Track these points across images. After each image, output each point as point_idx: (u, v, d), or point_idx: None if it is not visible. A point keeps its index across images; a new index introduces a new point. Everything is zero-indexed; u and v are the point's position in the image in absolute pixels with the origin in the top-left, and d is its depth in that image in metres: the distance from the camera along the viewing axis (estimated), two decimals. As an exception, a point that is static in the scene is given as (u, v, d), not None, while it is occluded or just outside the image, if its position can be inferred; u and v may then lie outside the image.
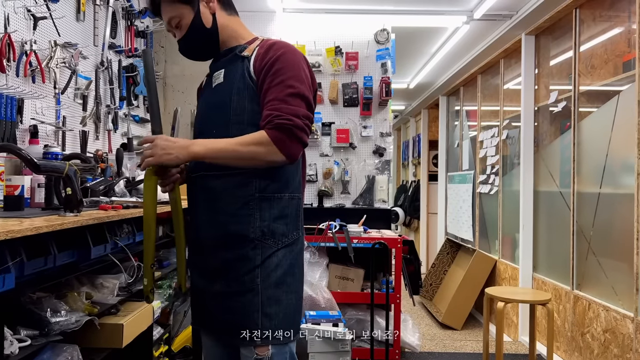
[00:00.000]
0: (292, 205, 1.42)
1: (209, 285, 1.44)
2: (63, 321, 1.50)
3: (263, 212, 1.37)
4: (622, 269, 2.64)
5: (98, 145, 2.63)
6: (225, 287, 1.40)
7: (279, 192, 1.39)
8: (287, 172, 1.40)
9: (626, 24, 2.76)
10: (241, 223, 1.36)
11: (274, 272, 1.37)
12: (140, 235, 2.27)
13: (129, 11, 2.93)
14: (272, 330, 1.36)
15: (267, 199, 1.37)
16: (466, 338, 3.98)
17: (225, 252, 1.39)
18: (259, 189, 1.37)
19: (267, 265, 1.36)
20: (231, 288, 1.39)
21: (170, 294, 2.71)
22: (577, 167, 3.10)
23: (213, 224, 1.40)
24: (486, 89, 4.75)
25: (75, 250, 1.70)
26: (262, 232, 1.36)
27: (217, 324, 1.44)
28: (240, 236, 1.36)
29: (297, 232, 1.43)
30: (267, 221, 1.37)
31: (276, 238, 1.38)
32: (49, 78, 2.11)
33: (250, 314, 1.36)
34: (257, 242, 1.36)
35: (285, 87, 1.33)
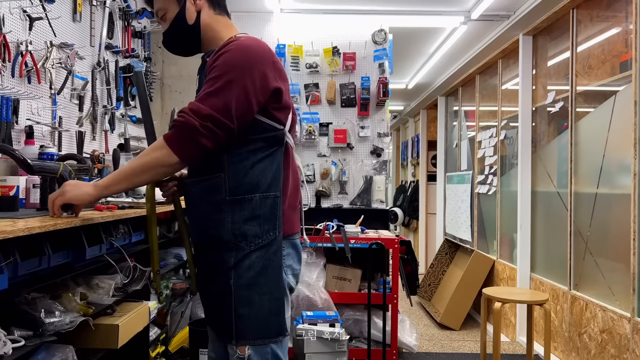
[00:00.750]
0: (266, 205, 1.37)
1: (201, 285, 1.51)
2: (57, 322, 1.50)
3: (234, 215, 1.35)
4: (619, 269, 2.64)
5: (95, 145, 2.63)
6: (206, 287, 1.47)
7: (249, 193, 1.36)
8: (256, 171, 1.36)
9: (623, 24, 2.76)
10: (215, 227, 1.37)
11: (246, 273, 1.36)
12: (137, 236, 2.27)
13: (126, 12, 2.93)
14: (245, 331, 1.37)
15: (238, 202, 1.35)
16: (464, 338, 3.98)
17: (206, 255, 1.44)
18: (229, 192, 1.35)
19: (240, 267, 1.36)
20: (210, 289, 1.44)
21: (167, 294, 2.71)
22: (574, 168, 3.10)
23: (196, 228, 1.46)
24: (484, 89, 4.76)
25: (70, 251, 1.70)
26: (233, 234, 1.35)
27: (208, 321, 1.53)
28: (216, 239, 1.38)
29: (273, 232, 1.38)
30: (238, 223, 1.35)
31: (248, 240, 1.36)
32: (44, 78, 2.11)
33: (224, 314, 1.39)
34: (231, 245, 1.36)
35: (207, 86, 1.29)
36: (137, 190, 2.34)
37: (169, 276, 2.87)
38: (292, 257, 1.49)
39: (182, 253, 2.92)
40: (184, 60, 3.54)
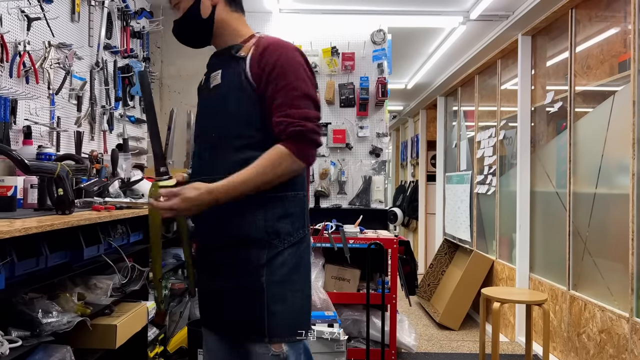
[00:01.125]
0: (297, 204, 1.41)
1: (215, 285, 1.45)
2: (54, 322, 1.50)
3: (267, 212, 1.37)
4: (617, 269, 2.64)
5: (93, 145, 2.63)
6: (232, 286, 1.40)
7: (282, 192, 1.38)
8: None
9: (622, 24, 2.76)
10: (245, 224, 1.37)
11: (279, 270, 1.36)
12: (135, 236, 2.28)
13: (124, 12, 2.94)
14: (279, 328, 1.36)
15: (271, 199, 1.37)
16: (463, 338, 3.98)
17: (230, 253, 1.40)
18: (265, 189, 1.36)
19: (273, 264, 1.36)
20: (238, 287, 1.39)
21: (166, 295, 2.71)
22: (573, 168, 3.10)
23: (218, 226, 1.41)
24: (484, 90, 4.75)
25: (68, 251, 1.71)
26: (266, 232, 1.36)
27: (224, 323, 1.45)
28: (245, 237, 1.37)
29: (302, 230, 1.42)
30: (272, 221, 1.37)
31: (281, 237, 1.37)
32: (42, 79, 2.11)
33: (257, 313, 1.36)
34: (262, 242, 1.36)
35: (289, 89, 1.32)
36: (135, 190, 2.34)
37: (168, 276, 2.86)
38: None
39: (181, 253, 2.92)
40: (183, 61, 3.54)
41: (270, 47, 1.37)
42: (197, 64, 3.53)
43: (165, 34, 3.52)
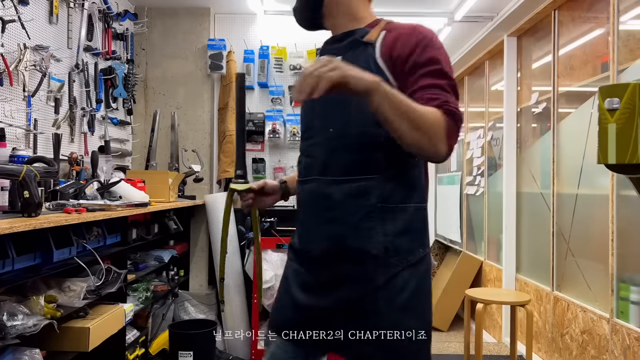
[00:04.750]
0: (419, 218, 1.22)
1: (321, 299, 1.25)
2: (20, 325, 1.50)
3: (386, 225, 1.18)
4: (598, 270, 2.64)
5: (74, 148, 2.63)
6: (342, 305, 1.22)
7: (403, 202, 1.20)
8: (413, 178, 1.22)
9: (605, 26, 2.76)
10: (362, 237, 1.19)
11: (399, 295, 1.18)
12: (112, 238, 2.28)
13: (106, 14, 2.93)
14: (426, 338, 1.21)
15: (391, 210, 1.19)
16: (451, 339, 3.97)
17: (341, 268, 1.22)
18: (383, 198, 1.19)
19: (391, 287, 1.17)
20: (349, 308, 1.21)
21: (147, 297, 2.71)
22: (556, 168, 3.10)
23: (327, 235, 1.23)
24: (473, 91, 4.76)
25: (37, 254, 1.70)
26: (385, 248, 1.18)
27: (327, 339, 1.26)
28: (360, 251, 1.19)
29: (423, 248, 1.23)
30: (391, 236, 1.18)
31: (401, 255, 1.19)
32: (17, 81, 2.11)
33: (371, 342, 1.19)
34: (379, 260, 1.18)
35: (441, 75, 1.14)
36: (113, 192, 2.34)
37: (150, 278, 2.86)
38: None
39: (163, 255, 2.92)
40: (168, 62, 3.54)
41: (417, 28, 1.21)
42: (182, 66, 3.54)
43: (149, 36, 3.52)
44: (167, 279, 3.07)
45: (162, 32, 3.53)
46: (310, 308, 1.26)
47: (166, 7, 3.50)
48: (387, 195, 1.19)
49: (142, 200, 2.33)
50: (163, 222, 2.92)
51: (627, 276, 2.42)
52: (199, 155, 3.36)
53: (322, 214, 1.22)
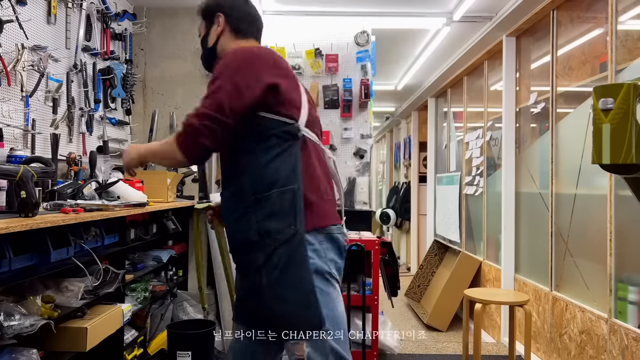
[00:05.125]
0: (285, 200, 1.42)
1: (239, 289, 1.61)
2: (17, 325, 1.49)
3: (257, 213, 1.43)
4: (596, 270, 2.64)
5: (72, 148, 2.62)
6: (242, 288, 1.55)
7: (267, 191, 1.42)
8: (273, 167, 1.43)
9: (604, 25, 2.76)
10: (244, 229, 1.44)
11: (275, 270, 1.40)
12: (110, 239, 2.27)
13: (104, 14, 2.93)
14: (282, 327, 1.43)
15: (259, 200, 1.43)
16: (450, 340, 3.97)
17: (239, 257, 1.53)
18: (253, 191, 1.44)
19: (268, 265, 1.41)
20: (245, 290, 1.51)
21: (145, 297, 2.70)
22: (555, 168, 3.10)
23: (230, 234, 1.55)
24: (472, 91, 4.76)
25: (35, 254, 1.70)
26: (259, 233, 1.42)
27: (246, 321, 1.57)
28: (245, 241, 1.45)
29: (294, 226, 1.42)
30: (261, 221, 1.42)
31: (272, 236, 1.41)
32: (15, 81, 2.11)
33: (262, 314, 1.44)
34: (258, 244, 1.42)
35: (209, 88, 1.44)
36: (111, 192, 2.34)
37: (149, 278, 2.86)
38: (331, 251, 1.52)
39: (161, 255, 2.92)
40: (166, 63, 3.54)
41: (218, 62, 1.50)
42: (180, 66, 3.54)
43: (148, 36, 3.52)
44: (166, 279, 3.07)
45: (160, 32, 3.53)
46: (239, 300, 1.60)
47: (165, 7, 3.50)
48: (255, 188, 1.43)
49: (140, 200, 2.32)
50: (161, 222, 2.92)
51: (625, 276, 2.42)
52: (197, 156, 3.35)
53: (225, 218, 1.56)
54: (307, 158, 1.49)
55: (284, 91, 1.43)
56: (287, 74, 1.48)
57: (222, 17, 1.63)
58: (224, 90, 1.39)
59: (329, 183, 1.58)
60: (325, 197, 1.54)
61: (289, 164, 1.44)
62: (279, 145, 1.44)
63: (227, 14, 1.63)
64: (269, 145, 1.43)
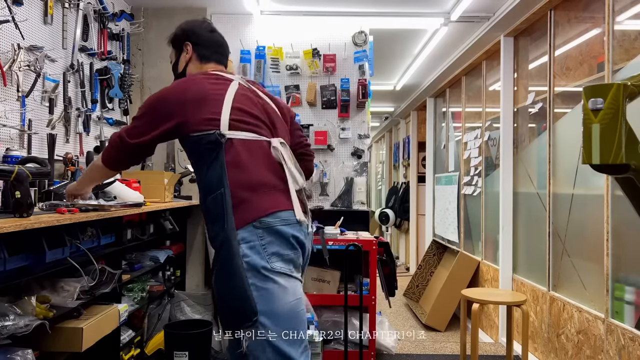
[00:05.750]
0: (216, 206, 1.55)
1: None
2: (11, 325, 1.50)
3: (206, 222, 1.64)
4: (593, 270, 2.64)
5: (69, 148, 2.62)
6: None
7: (205, 201, 1.60)
8: (209, 177, 1.59)
9: (601, 26, 2.76)
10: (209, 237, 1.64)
11: (216, 270, 1.55)
12: (106, 239, 2.27)
13: (102, 14, 2.93)
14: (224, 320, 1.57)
15: (205, 210, 1.61)
16: (448, 340, 3.97)
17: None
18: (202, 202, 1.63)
19: (214, 266, 1.57)
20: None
21: (142, 297, 2.70)
22: (552, 168, 3.10)
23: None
24: (470, 91, 4.76)
25: (30, 254, 1.70)
26: (210, 239, 1.62)
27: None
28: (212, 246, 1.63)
29: (222, 226, 1.53)
30: (209, 229, 1.60)
31: (214, 240, 1.57)
32: (11, 81, 2.11)
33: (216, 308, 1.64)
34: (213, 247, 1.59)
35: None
36: (108, 192, 2.34)
37: (146, 278, 2.86)
38: (275, 244, 1.52)
39: (159, 255, 2.92)
40: (164, 63, 3.53)
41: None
42: (178, 66, 3.53)
43: (146, 36, 3.52)
44: (163, 279, 3.07)
45: (158, 32, 3.53)
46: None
47: (162, 7, 3.50)
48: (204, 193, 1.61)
49: (137, 200, 2.32)
50: (159, 222, 2.92)
51: (622, 276, 2.42)
52: (195, 156, 3.36)
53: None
54: (234, 157, 1.56)
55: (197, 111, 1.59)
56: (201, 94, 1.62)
57: (190, 46, 1.82)
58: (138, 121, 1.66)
59: (275, 174, 1.61)
60: (263, 189, 1.56)
61: (216, 170, 1.56)
62: (208, 156, 1.57)
63: (194, 43, 1.83)
64: (203, 159, 1.59)
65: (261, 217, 1.52)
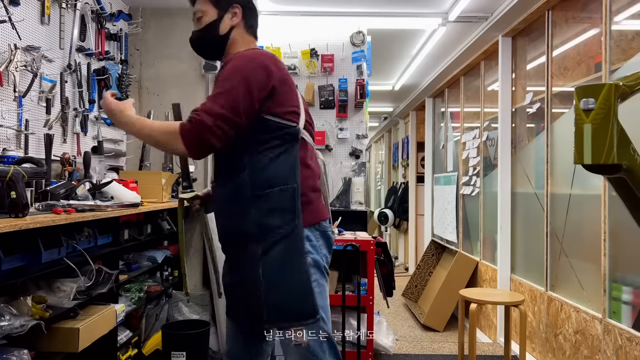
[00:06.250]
0: (285, 197, 1.49)
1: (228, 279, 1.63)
2: (6, 325, 1.49)
3: (258, 209, 1.48)
4: (591, 270, 2.64)
5: (66, 148, 2.62)
6: (235, 280, 1.58)
7: (269, 188, 1.48)
8: (274, 167, 1.50)
9: (598, 26, 2.76)
10: (243, 223, 1.49)
11: (274, 263, 1.47)
12: (103, 239, 2.27)
13: (99, 14, 2.93)
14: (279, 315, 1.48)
15: (260, 196, 1.48)
16: (446, 339, 3.97)
17: (234, 249, 1.57)
18: (252, 188, 1.49)
19: (268, 258, 1.47)
20: (239, 280, 1.55)
21: (140, 297, 2.70)
22: (550, 168, 3.10)
23: (224, 225, 1.59)
24: (468, 91, 4.76)
25: (25, 255, 1.70)
26: (258, 227, 1.48)
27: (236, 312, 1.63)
28: (244, 234, 1.50)
29: (293, 222, 1.49)
30: (263, 217, 1.48)
31: (273, 231, 1.48)
32: (7, 81, 2.11)
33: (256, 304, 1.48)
34: (256, 238, 1.48)
35: (216, 88, 1.47)
36: (105, 192, 2.34)
37: (143, 279, 2.86)
38: (325, 247, 1.61)
39: (156, 255, 2.92)
40: (162, 63, 3.54)
41: (232, 57, 1.52)
42: (176, 66, 3.54)
43: (144, 36, 3.52)
44: (161, 280, 3.07)
45: (156, 33, 3.53)
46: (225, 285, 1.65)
47: (160, 7, 3.49)
48: (256, 184, 1.49)
49: (134, 200, 2.32)
50: (156, 222, 2.92)
51: (619, 276, 2.42)
52: (193, 156, 3.36)
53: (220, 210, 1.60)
54: (304, 158, 1.57)
55: (285, 97, 1.51)
56: (288, 80, 1.55)
57: (240, 10, 1.62)
58: (238, 92, 1.43)
59: (321, 182, 1.68)
60: (319, 195, 1.63)
61: (288, 164, 1.51)
62: (279, 146, 1.50)
63: (244, 7, 1.63)
64: (271, 146, 1.49)
65: (320, 220, 1.60)
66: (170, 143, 1.44)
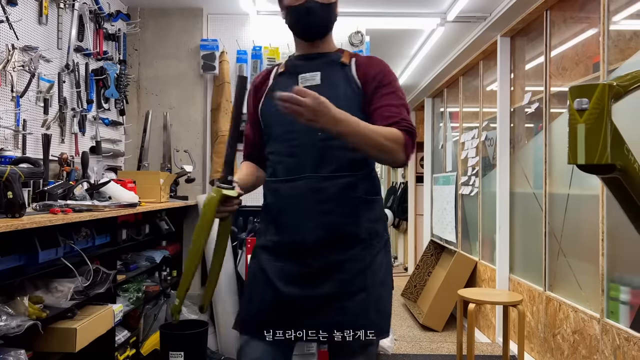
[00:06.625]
0: (382, 207, 1.52)
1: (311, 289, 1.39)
2: (3, 326, 1.49)
3: (368, 213, 1.43)
4: (589, 270, 2.64)
5: (64, 148, 2.62)
6: (336, 288, 1.38)
7: (375, 195, 1.48)
8: (376, 175, 1.51)
9: (597, 26, 2.76)
10: (352, 224, 1.40)
11: (379, 271, 1.43)
12: (101, 239, 2.27)
13: (97, 14, 2.93)
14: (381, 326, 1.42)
15: (370, 201, 1.44)
16: (445, 340, 3.97)
17: (335, 254, 1.39)
18: (364, 191, 1.43)
19: (374, 265, 1.41)
20: (343, 289, 1.38)
21: (138, 297, 2.70)
22: (548, 168, 3.10)
23: (322, 225, 1.38)
24: (467, 91, 4.76)
25: (22, 255, 1.70)
26: (369, 232, 1.42)
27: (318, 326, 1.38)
28: (353, 236, 1.40)
29: (387, 231, 1.52)
30: (372, 222, 1.43)
31: (379, 238, 1.45)
32: (5, 81, 2.11)
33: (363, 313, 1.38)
34: (366, 243, 1.41)
35: (398, 97, 1.42)
36: (102, 192, 2.34)
37: (142, 279, 2.86)
38: None
39: (155, 255, 2.92)
40: (160, 63, 3.54)
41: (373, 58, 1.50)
42: (174, 66, 3.54)
43: (142, 37, 3.52)
44: (159, 280, 3.07)
45: (154, 33, 3.53)
46: (301, 299, 1.38)
47: (159, 7, 3.50)
48: (367, 189, 1.44)
49: (131, 200, 2.32)
50: (154, 222, 2.92)
51: (617, 276, 2.42)
52: (190, 156, 3.36)
53: (316, 207, 1.39)
54: None
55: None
56: None
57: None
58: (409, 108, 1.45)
59: None
60: None
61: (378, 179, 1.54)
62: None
63: None
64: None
65: None
66: (395, 151, 1.32)
